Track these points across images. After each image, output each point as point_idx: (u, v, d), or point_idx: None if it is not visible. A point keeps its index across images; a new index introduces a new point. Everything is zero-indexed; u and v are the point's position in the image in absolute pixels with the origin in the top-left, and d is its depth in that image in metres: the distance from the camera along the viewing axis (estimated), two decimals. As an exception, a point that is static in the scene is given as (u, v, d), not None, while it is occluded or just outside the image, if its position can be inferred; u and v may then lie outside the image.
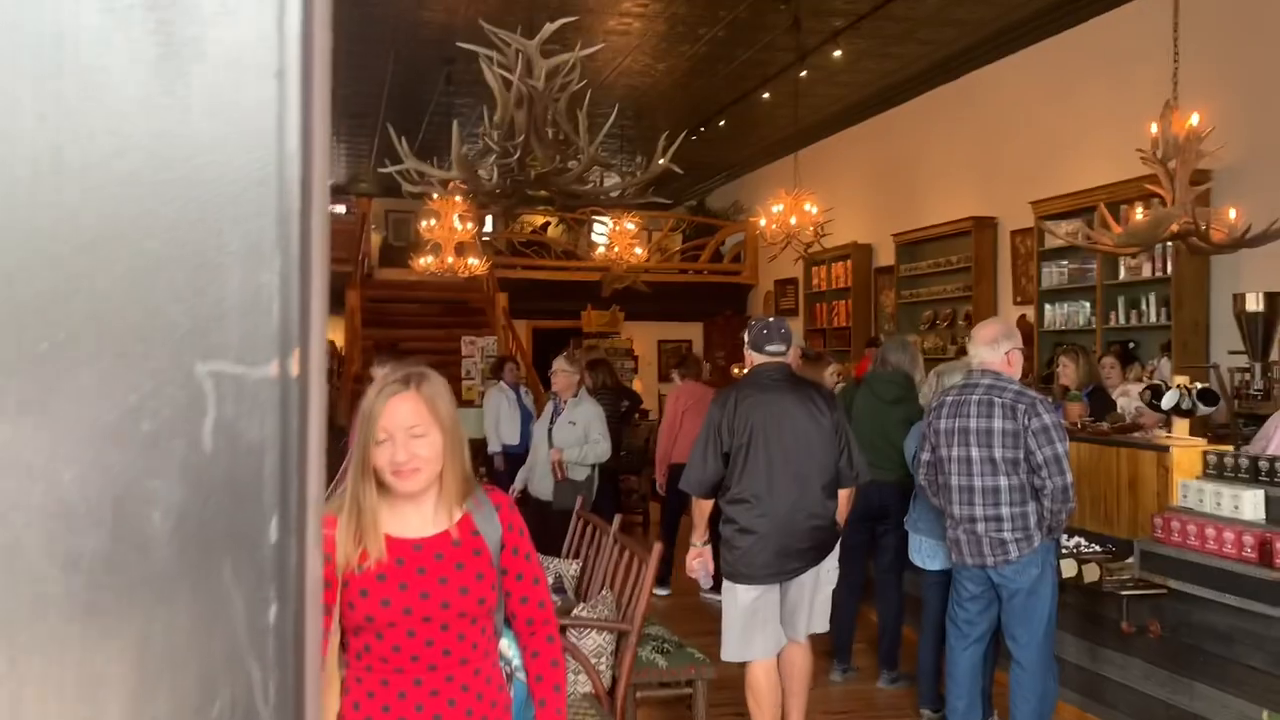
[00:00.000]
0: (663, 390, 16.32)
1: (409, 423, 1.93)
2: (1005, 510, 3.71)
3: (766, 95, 11.57)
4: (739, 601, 3.91)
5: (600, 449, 6.36)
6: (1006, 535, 3.72)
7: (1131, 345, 8.29)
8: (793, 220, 8.58)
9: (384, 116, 13.05)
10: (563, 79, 5.89)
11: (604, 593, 3.85)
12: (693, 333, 16.88)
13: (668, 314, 16.19)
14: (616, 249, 12.88)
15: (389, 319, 14.01)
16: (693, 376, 7.89)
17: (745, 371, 4.18)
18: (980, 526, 3.74)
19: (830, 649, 5.06)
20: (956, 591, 3.92)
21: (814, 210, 8.80)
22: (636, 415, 9.77)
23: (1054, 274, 9.08)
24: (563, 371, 6.43)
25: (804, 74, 10.41)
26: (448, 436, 1.98)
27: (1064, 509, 3.70)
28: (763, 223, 8.97)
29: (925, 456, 3.95)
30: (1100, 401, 5.80)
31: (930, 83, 11.00)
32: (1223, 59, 7.11)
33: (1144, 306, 8.08)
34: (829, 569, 4.09)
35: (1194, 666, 3.72)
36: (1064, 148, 9.09)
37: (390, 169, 6.06)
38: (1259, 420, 6.68)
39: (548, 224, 16.73)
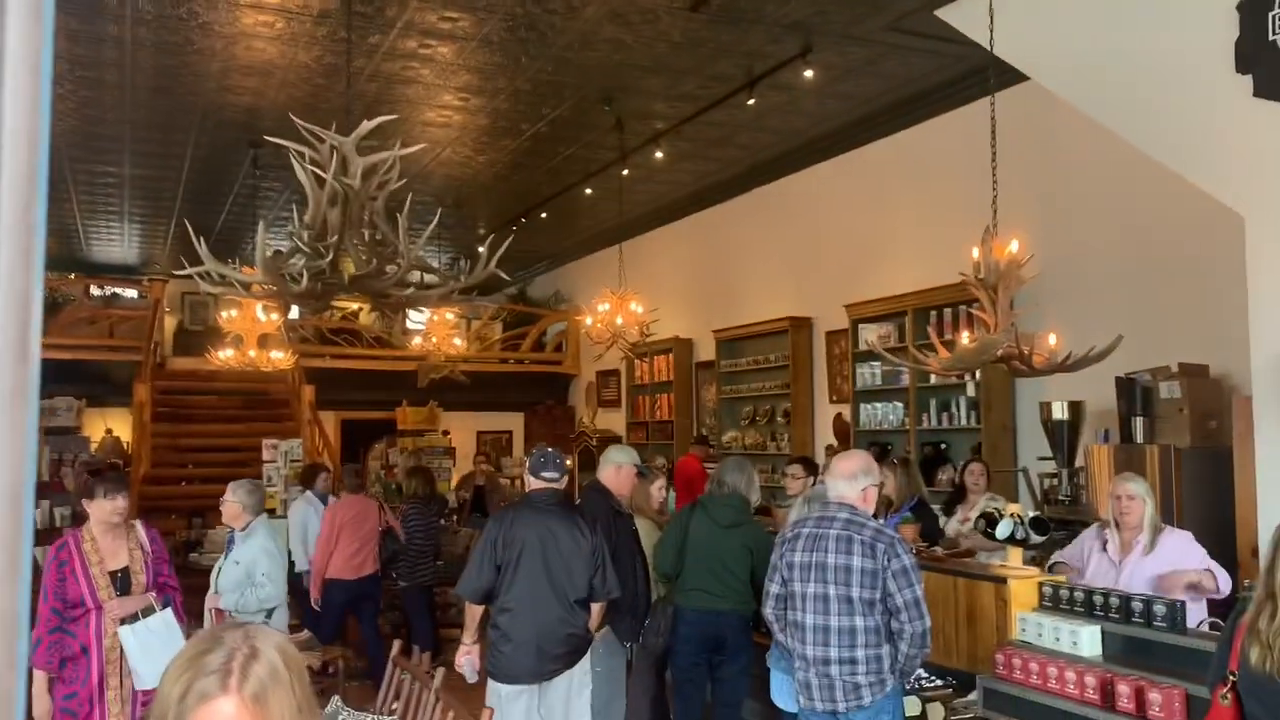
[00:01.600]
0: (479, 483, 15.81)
1: None
2: (861, 652, 3.57)
3: (589, 190, 11.55)
4: (502, 697, 4.34)
5: (265, 593, 5.01)
6: (861, 679, 3.56)
7: (943, 446, 8.54)
8: (619, 320, 8.46)
9: (182, 198, 12.26)
10: (381, 177, 5.57)
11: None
12: (513, 423, 16.50)
13: (487, 404, 15.77)
14: (434, 339, 12.44)
15: (183, 413, 12.99)
16: (351, 490, 7.68)
17: (523, 495, 4.83)
18: (834, 669, 3.58)
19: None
20: (803, 739, 3.74)
21: (639, 309, 8.72)
22: (454, 520, 9.29)
23: (867, 375, 9.31)
24: (230, 501, 5.24)
25: (626, 172, 10.44)
26: None
27: (920, 653, 3.59)
28: (589, 321, 8.82)
29: (775, 589, 3.77)
30: (923, 516, 5.84)
31: (748, 185, 11.26)
32: (1033, 180, 7.52)
33: (954, 409, 8.35)
34: (582, 672, 4.50)
35: (1039, 807, 3.65)
36: (877, 253, 9.41)
37: (189, 271, 5.53)
38: (1068, 525, 6.96)
39: (359, 310, 16.08)
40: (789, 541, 3.73)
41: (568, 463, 4.63)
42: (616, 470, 4.97)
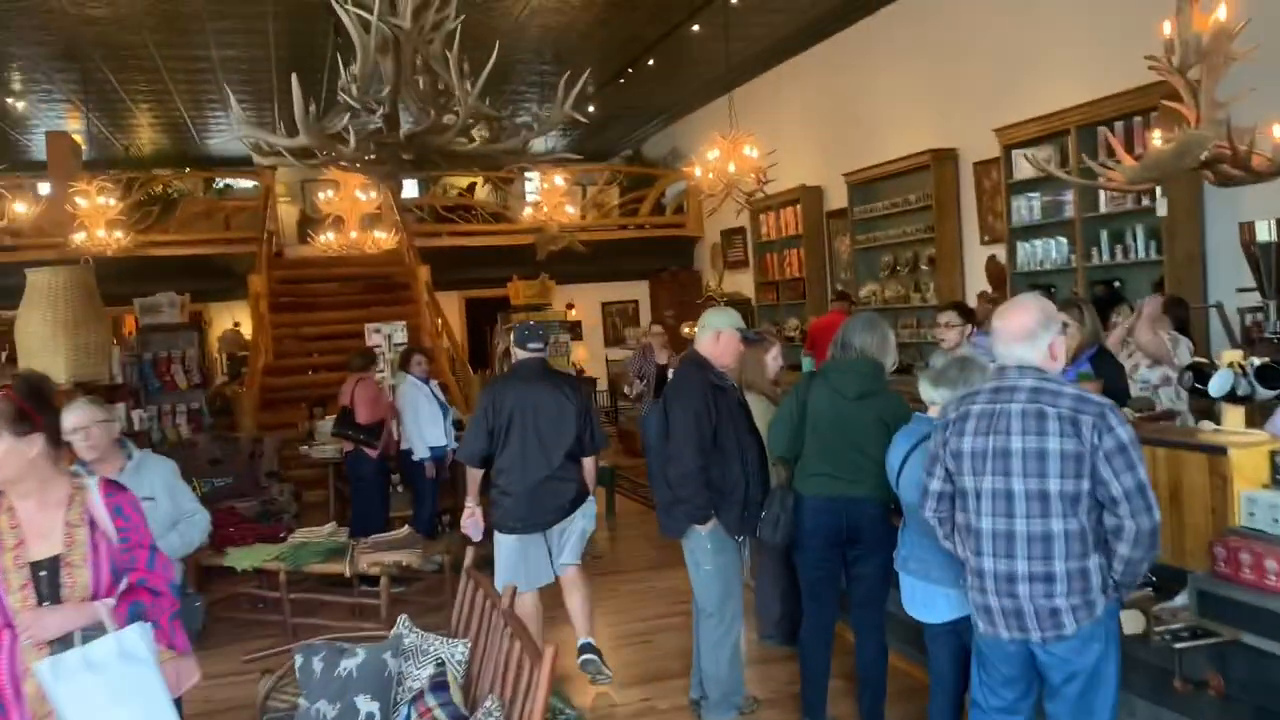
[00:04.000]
0: (610, 356, 15.31)
1: None
2: (1059, 567, 2.70)
3: (696, 28, 10.43)
4: (504, 547, 4.82)
5: (199, 524, 3.88)
6: (1060, 601, 2.71)
7: (1117, 284, 7.36)
8: (731, 167, 7.51)
9: (277, 75, 11.74)
10: (435, 16, 4.76)
11: (489, 702, 2.85)
12: (638, 292, 15.82)
13: (610, 274, 15.12)
14: (546, 208, 11.74)
15: (305, 302, 12.82)
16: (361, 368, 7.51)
17: (511, 365, 5.19)
18: (1022, 589, 2.74)
19: (799, 707, 4.12)
20: (984, 669, 2.94)
21: (755, 154, 7.73)
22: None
23: (1024, 208, 8.11)
24: (98, 424, 3.55)
25: (735, 1, 9.29)
26: None
27: (1148, 558, 2.73)
28: (698, 173, 7.89)
29: (936, 486, 2.94)
30: (1105, 369, 4.83)
31: (875, 3, 9.92)
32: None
33: (1130, 240, 7.14)
34: (581, 514, 4.92)
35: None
36: (1030, 65, 8.08)
37: (235, 136, 4.92)
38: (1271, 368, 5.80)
39: (473, 185, 15.51)
40: (954, 424, 2.88)
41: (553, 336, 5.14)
42: (715, 337, 4.18)
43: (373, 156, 4.98)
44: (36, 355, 5.24)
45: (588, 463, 4.88)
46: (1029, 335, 2.80)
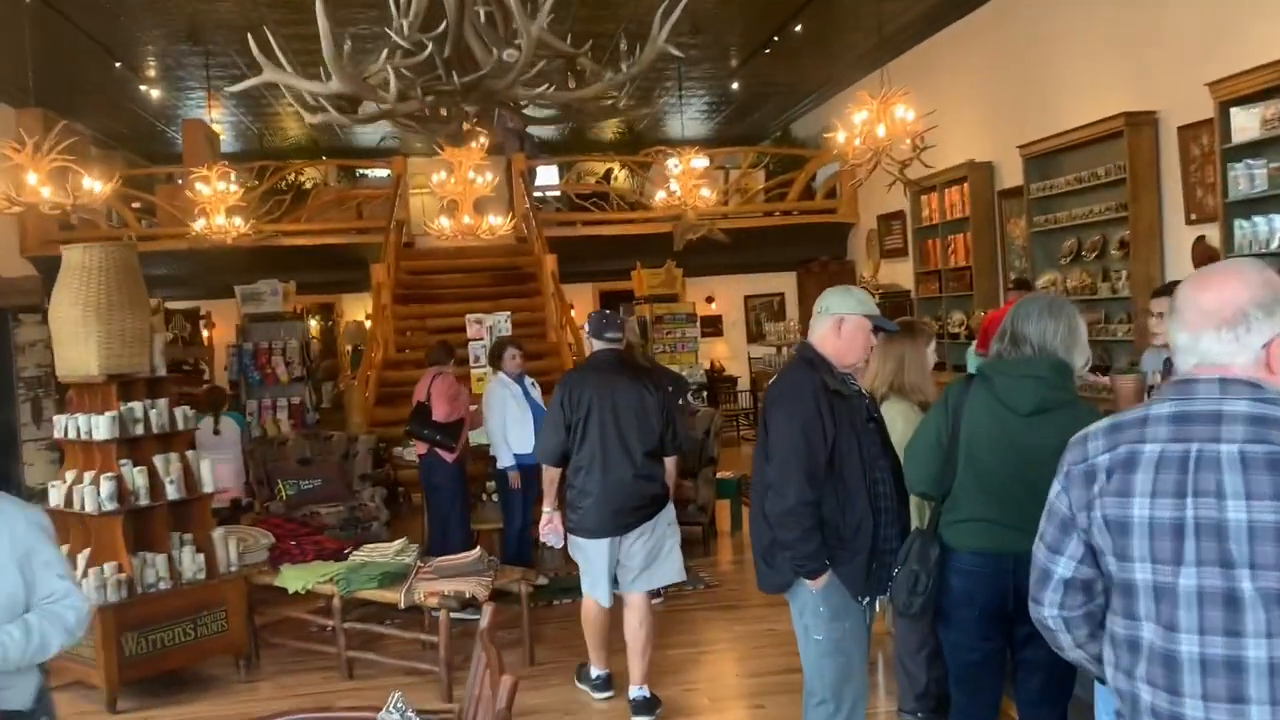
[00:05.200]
0: (752, 354, 14.24)
1: None
2: None
3: (846, -15, 9.25)
4: (587, 553, 4.48)
5: (65, 614, 2.38)
6: None
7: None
8: (881, 130, 6.35)
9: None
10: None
11: None
12: (785, 284, 14.66)
13: (754, 265, 14.03)
14: (680, 192, 10.79)
15: (432, 293, 12.30)
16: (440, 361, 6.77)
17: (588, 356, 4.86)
18: None
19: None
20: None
21: (910, 115, 6.54)
22: (688, 399, 7.69)
23: (1244, 178, 6.61)
24: None
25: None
26: None
27: None
28: (842, 137, 6.75)
29: (1066, 570, 1.85)
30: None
31: (1058, -56, 8.53)
32: None
33: (1396, 212, 5.60)
34: (666, 522, 4.57)
35: None
36: (1258, 2, 6.58)
37: (244, 85, 4.16)
38: None
39: (610, 171, 14.73)
40: (1114, 472, 1.76)
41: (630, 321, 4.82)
42: (836, 326, 3.12)
43: (426, 111, 4.13)
44: (66, 343, 4.66)
45: (669, 463, 4.62)
46: (1236, 320, 1.70)
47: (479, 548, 5.17)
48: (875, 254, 12.88)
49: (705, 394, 10.72)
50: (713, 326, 14.27)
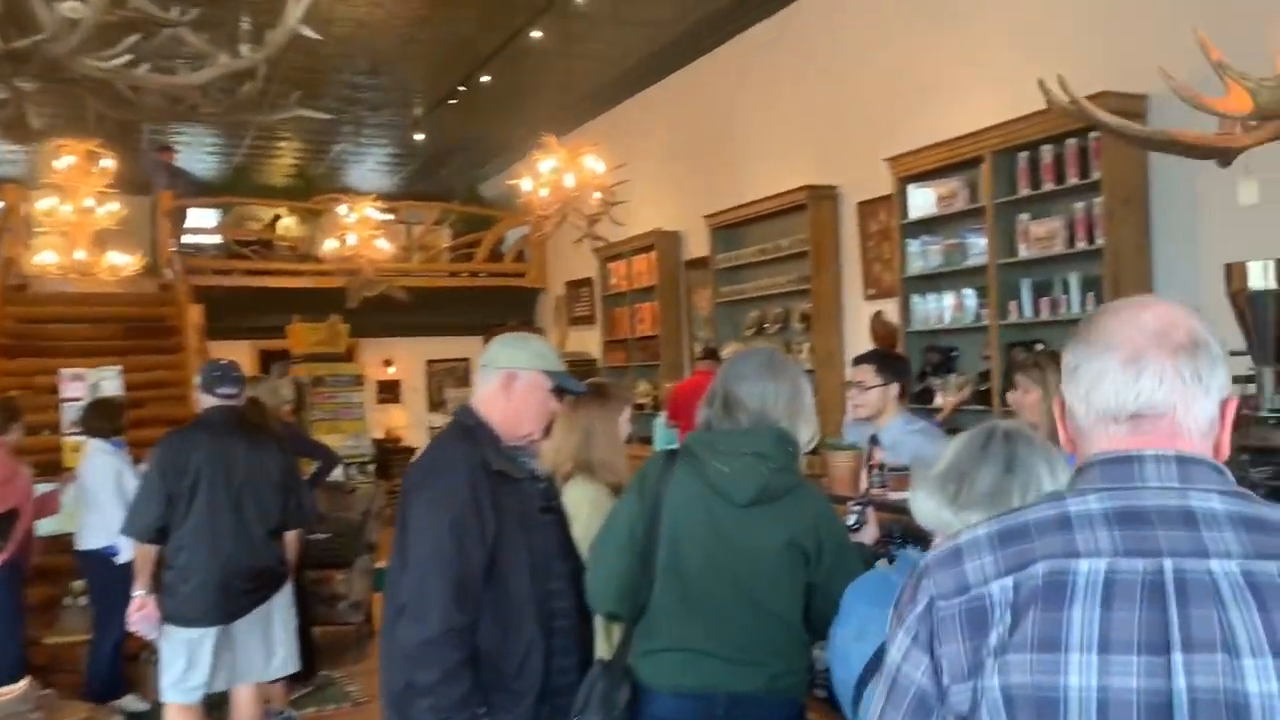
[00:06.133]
0: (433, 422, 13.28)
1: None
2: None
3: (538, 34, 8.79)
4: (188, 645, 3.95)
5: None
6: None
7: (1039, 346, 5.95)
8: (569, 180, 5.79)
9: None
10: None
11: None
12: (471, 349, 13.83)
13: (437, 327, 13.16)
14: (354, 241, 9.78)
15: (44, 345, 10.34)
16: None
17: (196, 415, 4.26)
18: None
19: None
20: None
21: (600, 168, 6.05)
22: (353, 475, 6.67)
23: (920, 255, 6.69)
24: None
25: (581, 1, 7.72)
26: None
27: None
28: (525, 185, 6.14)
29: None
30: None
31: (746, 19, 8.54)
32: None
33: (1059, 293, 5.75)
34: (282, 605, 4.16)
35: None
36: (931, 83, 6.74)
37: None
38: (1274, 458, 4.40)
39: (278, 218, 13.38)
40: (1024, 610, 1.05)
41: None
42: (505, 384, 2.38)
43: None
44: None
45: (289, 538, 4.24)
46: (1193, 347, 1.12)
47: (28, 678, 3.88)
48: (564, 320, 12.44)
49: (375, 467, 9.64)
50: (391, 392, 13.19)
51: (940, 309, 6.58)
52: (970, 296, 6.36)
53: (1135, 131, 1.99)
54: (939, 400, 6.48)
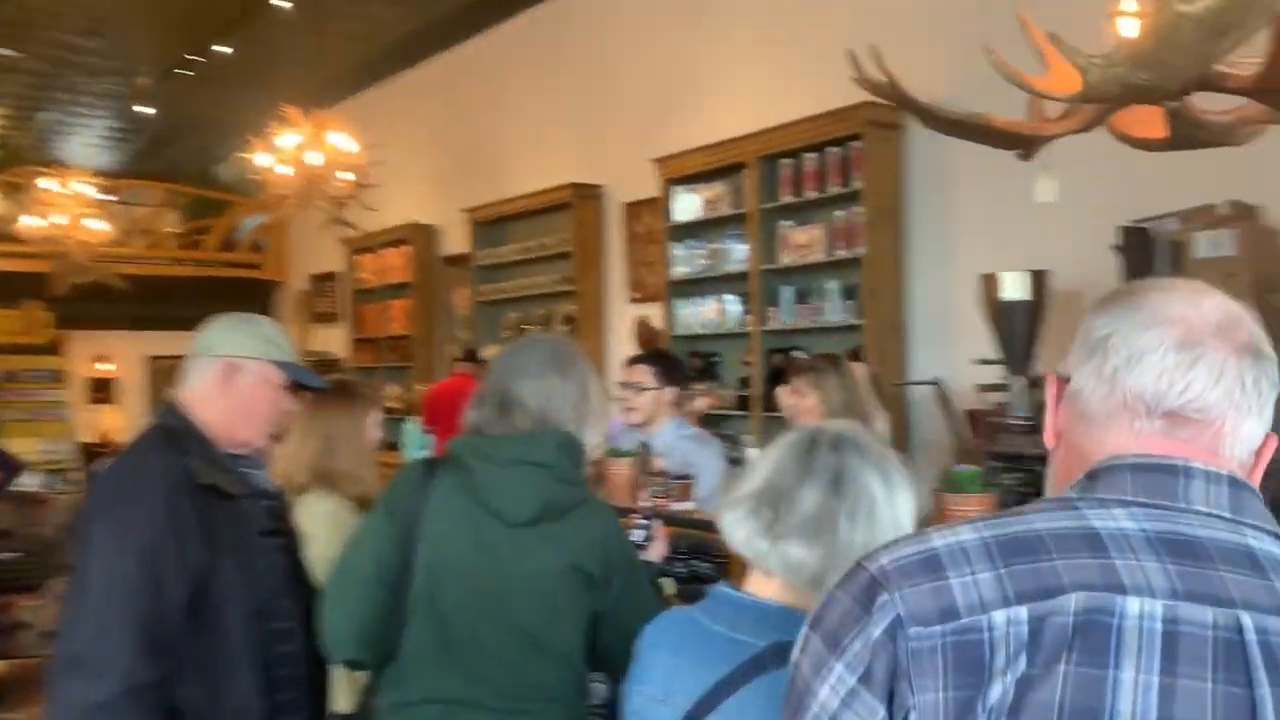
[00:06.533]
0: (154, 425, 12.03)
1: None
2: None
3: (285, 4, 8.06)
4: None
5: None
6: None
7: (797, 353, 5.98)
8: (315, 159, 5.23)
9: None
10: None
11: None
12: (200, 346, 12.69)
13: (161, 320, 11.88)
14: (62, 221, 8.62)
15: None
16: None
17: None
18: None
19: None
20: None
21: (354, 147, 5.52)
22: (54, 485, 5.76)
23: (686, 259, 6.60)
24: None
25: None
26: None
27: None
28: (260, 160, 5.50)
29: None
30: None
31: (513, 6, 8.20)
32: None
33: (818, 299, 5.78)
34: None
35: None
36: (700, 85, 6.67)
37: None
38: (1022, 464, 4.55)
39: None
40: (1063, 664, 0.74)
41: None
42: (223, 376, 1.93)
43: None
44: None
45: None
46: (1256, 350, 0.87)
47: None
48: (305, 317, 11.60)
49: (85, 475, 8.53)
50: (105, 391, 11.82)
51: (703, 314, 6.51)
52: (733, 302, 6.33)
53: (946, 113, 1.85)
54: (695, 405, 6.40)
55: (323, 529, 2.43)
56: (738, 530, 1.27)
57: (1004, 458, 4.40)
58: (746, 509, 1.26)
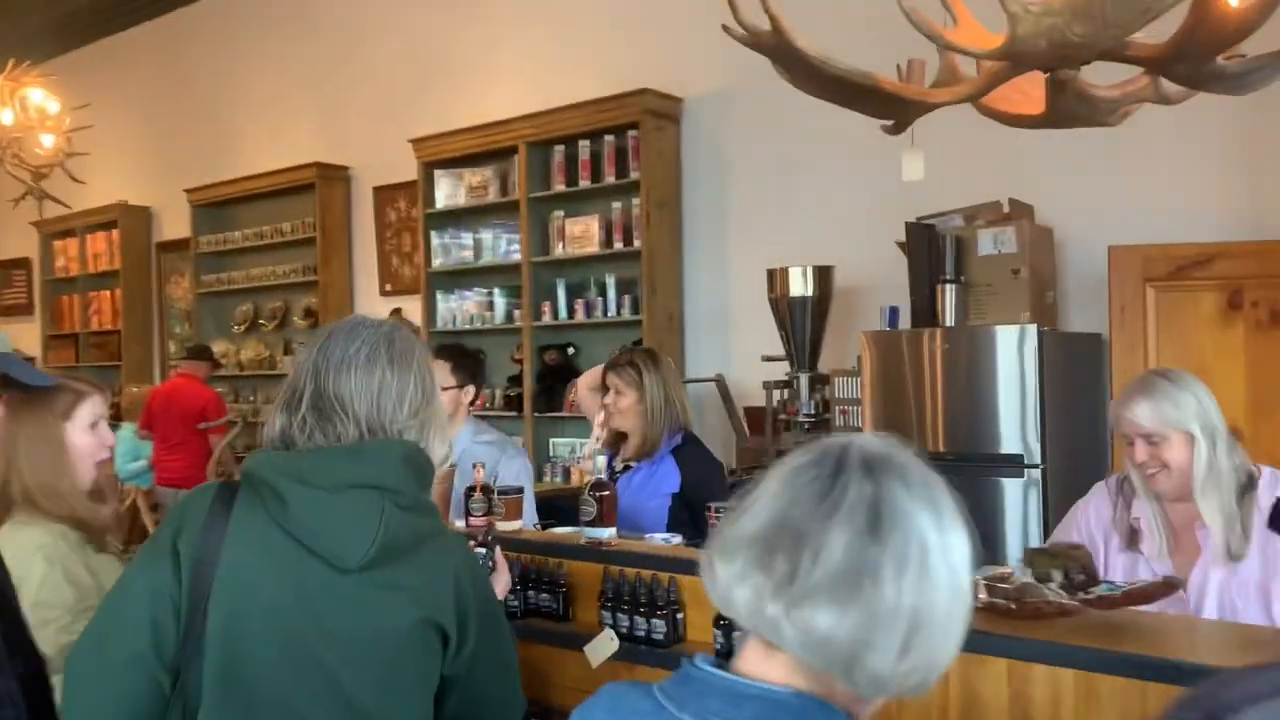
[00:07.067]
0: None
1: None
2: None
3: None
4: None
5: None
6: None
7: (571, 350, 5.72)
8: (9, 117, 4.36)
9: None
10: None
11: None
12: None
13: None
14: None
15: None
16: None
17: None
18: None
19: None
20: None
21: (55, 107, 4.65)
22: None
23: (448, 248, 6.15)
24: None
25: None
26: None
27: None
28: (-65, 114, 4.54)
29: None
30: (697, 467, 2.94)
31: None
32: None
33: (595, 294, 5.52)
34: None
35: None
36: (465, 64, 6.23)
37: None
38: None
39: None
40: None
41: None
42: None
43: None
44: None
45: None
46: None
47: None
48: (-12, 310, 10.03)
49: None
50: None
51: (466, 308, 6.09)
52: (501, 295, 5.95)
53: (834, 69, 1.61)
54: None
55: (37, 568, 1.85)
56: (737, 589, 0.89)
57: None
58: (748, 559, 0.89)
